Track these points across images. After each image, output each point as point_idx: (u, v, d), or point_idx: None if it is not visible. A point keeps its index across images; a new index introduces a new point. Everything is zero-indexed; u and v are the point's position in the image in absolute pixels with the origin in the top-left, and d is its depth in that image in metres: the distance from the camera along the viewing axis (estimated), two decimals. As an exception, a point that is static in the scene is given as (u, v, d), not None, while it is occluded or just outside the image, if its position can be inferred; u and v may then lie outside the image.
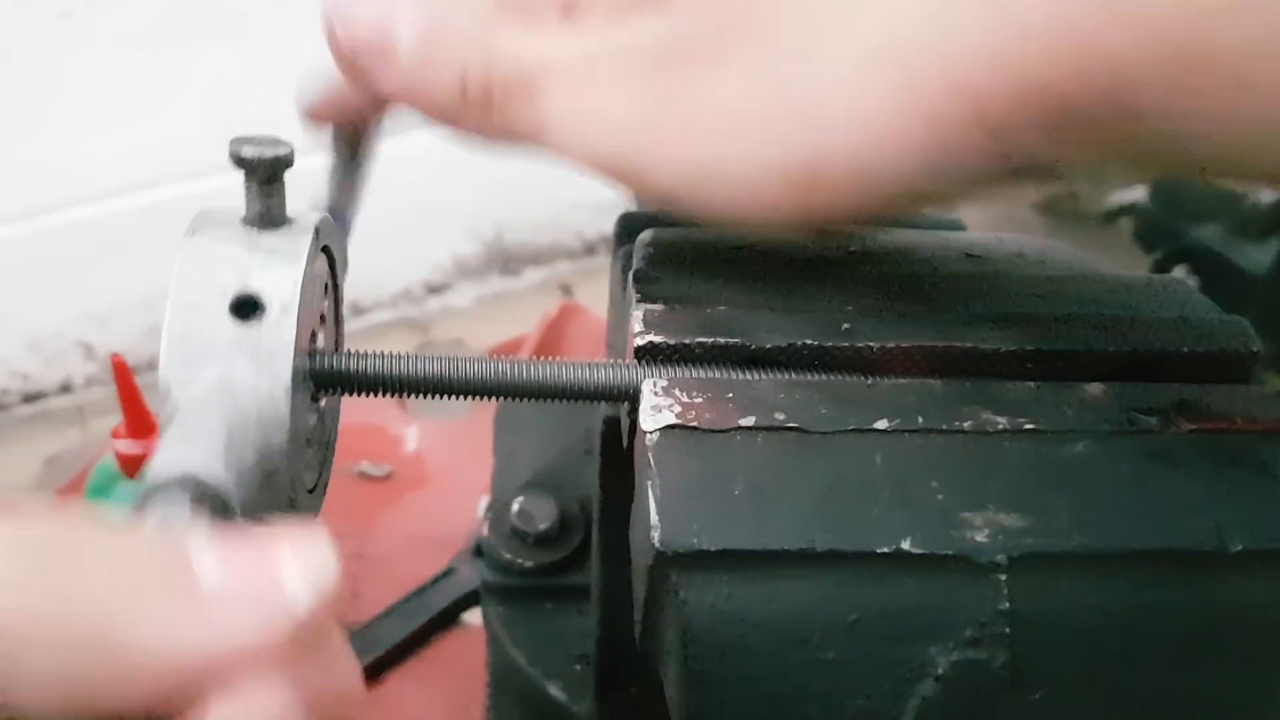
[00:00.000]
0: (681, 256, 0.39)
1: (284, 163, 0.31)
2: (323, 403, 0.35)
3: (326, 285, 0.35)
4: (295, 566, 0.22)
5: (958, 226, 0.47)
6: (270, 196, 0.32)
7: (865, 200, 0.31)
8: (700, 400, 0.31)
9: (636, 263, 0.38)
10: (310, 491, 0.34)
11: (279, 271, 0.31)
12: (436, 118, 0.35)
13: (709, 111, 0.31)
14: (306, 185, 0.38)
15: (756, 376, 0.34)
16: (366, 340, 0.40)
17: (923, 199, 0.33)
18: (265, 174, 0.31)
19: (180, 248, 0.31)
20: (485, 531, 0.62)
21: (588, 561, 0.60)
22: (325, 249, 0.34)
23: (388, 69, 0.34)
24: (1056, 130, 0.27)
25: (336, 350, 0.36)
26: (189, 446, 0.28)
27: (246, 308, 0.30)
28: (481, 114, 0.33)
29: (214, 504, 0.26)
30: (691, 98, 0.31)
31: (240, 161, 0.31)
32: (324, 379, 0.33)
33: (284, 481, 0.30)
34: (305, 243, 0.32)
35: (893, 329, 0.35)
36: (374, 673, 0.75)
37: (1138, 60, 0.25)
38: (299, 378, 0.31)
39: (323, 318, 0.34)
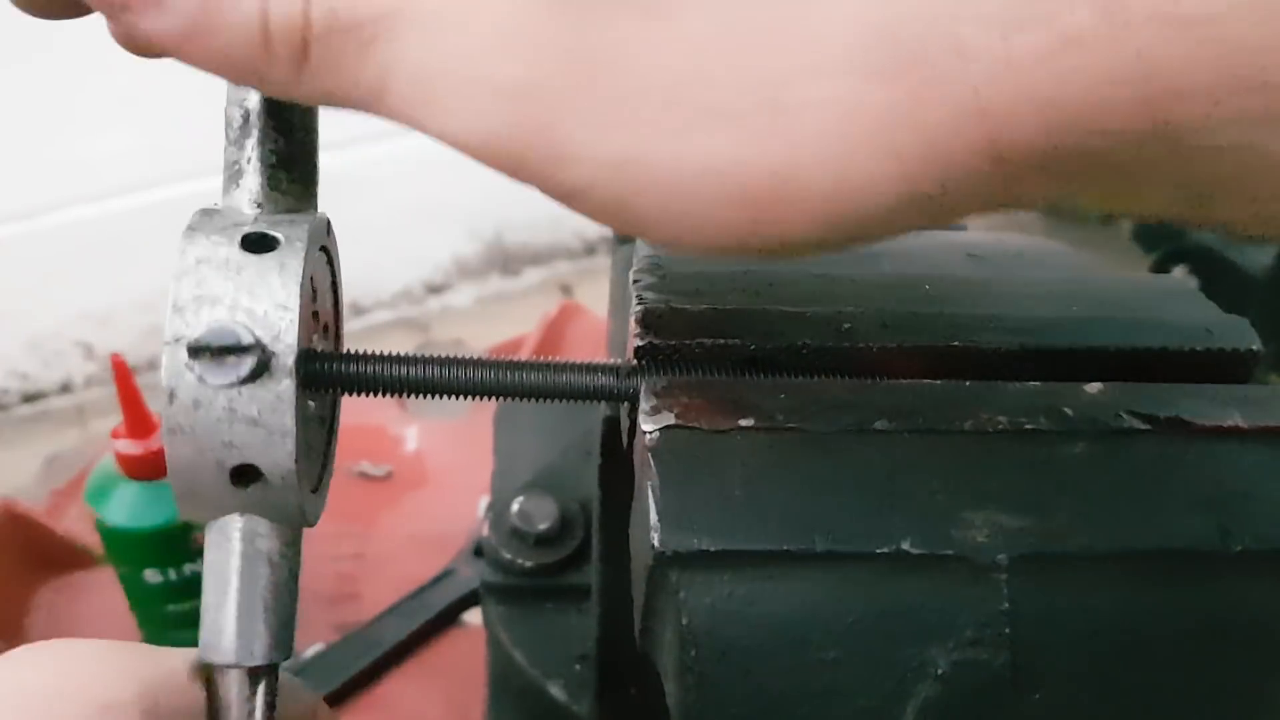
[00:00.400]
0: (682, 257, 0.39)
1: (251, 378, 0.29)
2: (322, 404, 0.35)
3: (315, 288, 0.34)
4: None
5: (958, 226, 0.47)
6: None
7: (829, 235, 0.24)
8: (700, 401, 0.31)
9: (636, 263, 0.38)
10: (313, 492, 0.33)
11: (271, 455, 0.30)
12: (231, 76, 0.26)
13: (643, 80, 0.23)
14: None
15: (756, 377, 0.34)
16: (366, 340, 0.40)
17: (887, 233, 0.25)
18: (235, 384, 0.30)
19: (163, 416, 0.30)
20: (485, 531, 0.62)
21: (588, 561, 0.60)
22: (324, 249, 0.34)
23: (155, 9, 0.25)
24: (1081, 163, 0.22)
25: (336, 349, 0.36)
26: (231, 629, 0.31)
27: (246, 478, 0.31)
28: (292, 69, 0.25)
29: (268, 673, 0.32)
30: (619, 57, 0.23)
31: (201, 384, 0.29)
32: (323, 379, 0.33)
33: (288, 501, 0.31)
34: (289, 403, 0.30)
35: (893, 329, 0.35)
36: (374, 673, 0.75)
37: (1188, 64, 0.20)
38: (299, 388, 0.30)
39: (316, 315, 0.34)
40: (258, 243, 0.31)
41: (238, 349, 0.29)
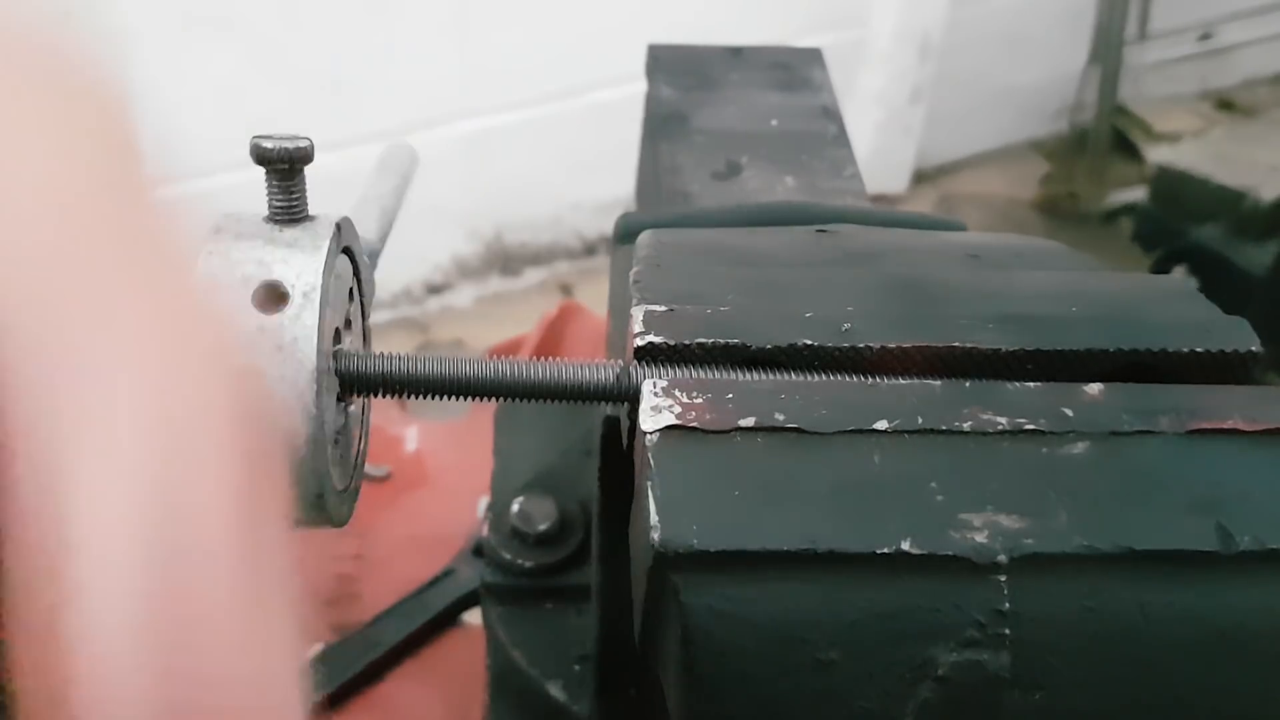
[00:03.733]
0: (682, 257, 0.39)
1: (303, 155, 0.32)
2: (351, 406, 0.35)
3: (351, 290, 0.35)
4: None
5: (958, 227, 0.47)
6: (291, 191, 0.32)
7: None
8: (700, 401, 0.31)
9: (636, 263, 0.38)
10: (341, 492, 0.34)
11: (300, 262, 0.31)
12: None
13: None
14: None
15: (756, 377, 0.34)
16: (366, 340, 0.40)
17: None
18: (285, 167, 0.32)
19: (203, 245, 0.32)
20: (485, 532, 0.62)
21: (588, 561, 0.60)
22: (348, 251, 0.34)
23: None
24: None
25: (365, 340, 0.37)
26: None
27: (270, 298, 0.31)
28: None
29: None
30: None
31: (260, 154, 0.32)
32: (346, 379, 0.33)
33: (308, 474, 0.31)
34: (326, 236, 0.32)
35: (893, 329, 0.35)
36: (374, 673, 0.75)
37: None
38: (324, 368, 0.31)
39: (349, 322, 0.35)
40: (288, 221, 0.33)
41: (295, 137, 0.32)
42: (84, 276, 0.22)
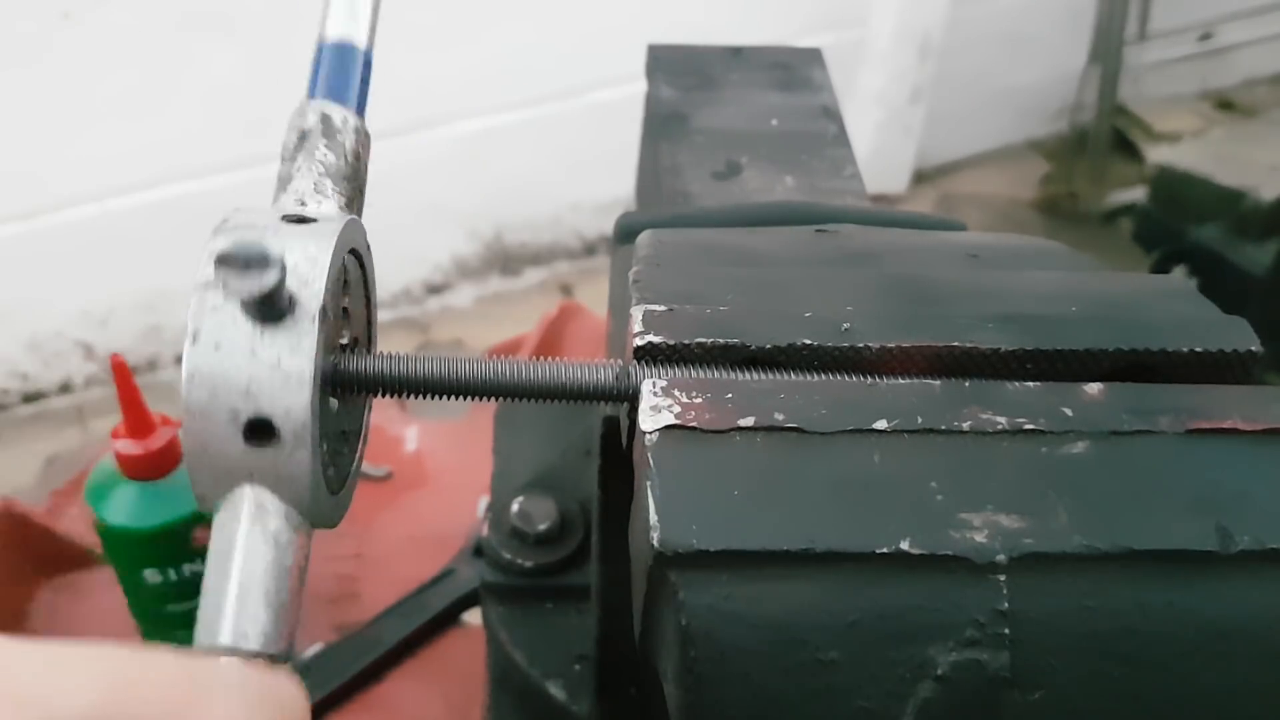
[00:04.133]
0: (681, 256, 0.39)
1: (274, 291, 0.29)
2: (350, 405, 0.35)
3: (347, 282, 0.35)
4: None
5: (958, 227, 0.47)
6: (268, 307, 0.30)
7: None
8: (700, 401, 0.31)
9: (636, 263, 0.38)
10: (334, 494, 0.34)
11: (287, 399, 0.30)
12: None
13: None
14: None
15: (756, 376, 0.34)
16: (366, 340, 0.40)
17: None
18: (258, 304, 0.29)
19: (185, 359, 0.30)
20: (485, 531, 0.62)
21: (588, 561, 0.60)
22: (353, 252, 0.34)
23: None
24: None
25: (370, 343, 0.36)
26: (230, 614, 0.29)
27: (260, 433, 0.30)
28: None
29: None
30: None
31: (229, 296, 0.29)
32: (346, 380, 0.33)
33: (304, 487, 0.31)
34: (310, 350, 0.30)
35: (893, 329, 0.35)
36: (374, 673, 0.75)
37: None
38: (323, 414, 0.31)
39: (346, 311, 0.34)
40: (296, 220, 0.32)
41: (262, 261, 0.28)
42: None
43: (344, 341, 0.34)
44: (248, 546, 0.30)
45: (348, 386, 0.33)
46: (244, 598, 0.30)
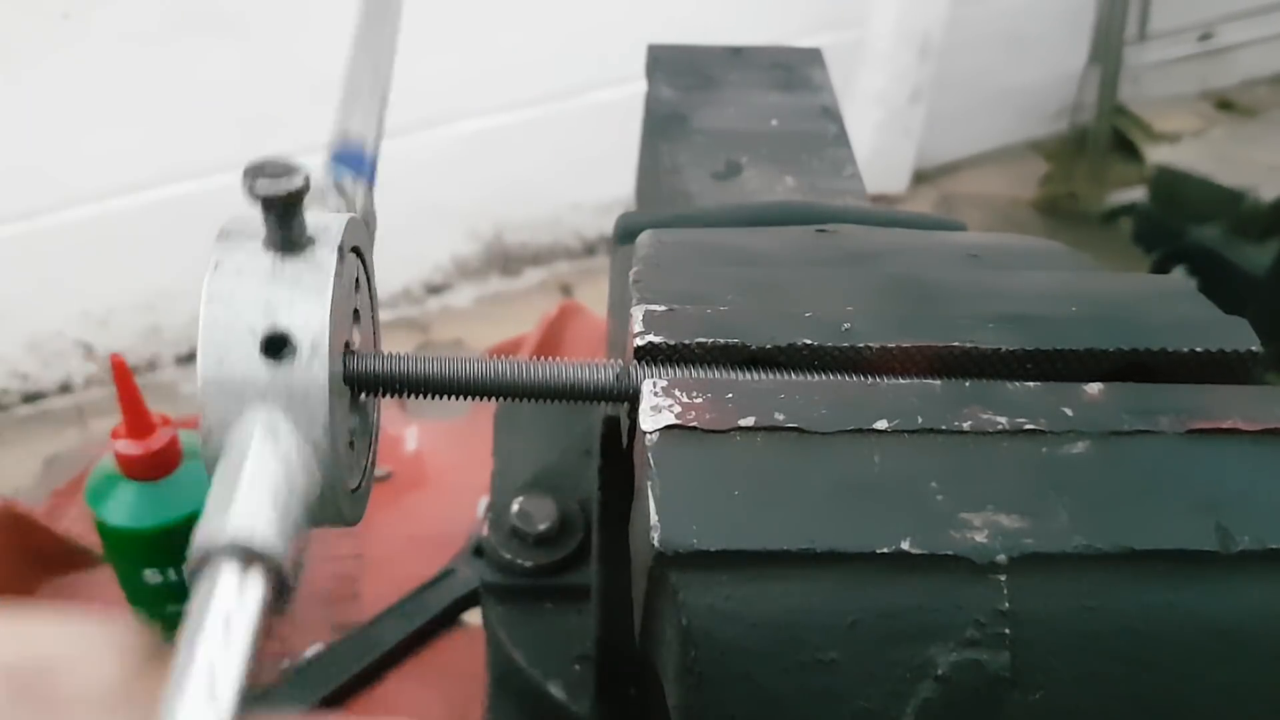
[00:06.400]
0: (681, 256, 0.39)
1: (299, 195, 0.30)
2: (362, 405, 0.35)
3: (358, 281, 0.35)
4: None
5: (958, 227, 0.47)
6: (289, 225, 0.31)
7: None
8: (700, 400, 0.31)
9: (636, 263, 0.38)
10: (354, 492, 0.34)
11: (305, 307, 0.31)
12: None
13: None
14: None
15: (756, 376, 0.34)
16: (366, 340, 0.40)
17: None
18: (281, 208, 0.31)
19: (205, 286, 0.31)
20: (485, 532, 0.62)
21: (588, 561, 0.60)
22: (355, 250, 0.34)
23: None
24: None
25: (375, 345, 0.37)
26: (236, 508, 0.27)
27: (276, 347, 0.30)
28: None
29: (266, 565, 0.26)
30: None
31: (255, 198, 0.30)
32: (354, 380, 0.33)
33: (323, 477, 0.31)
34: (330, 268, 0.31)
35: (893, 329, 0.35)
36: (374, 673, 0.75)
37: None
38: (336, 410, 0.31)
39: (357, 313, 0.35)
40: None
41: (289, 169, 0.30)
42: None
43: (353, 344, 0.34)
44: (258, 457, 0.29)
45: (357, 386, 0.33)
46: (250, 495, 0.28)
